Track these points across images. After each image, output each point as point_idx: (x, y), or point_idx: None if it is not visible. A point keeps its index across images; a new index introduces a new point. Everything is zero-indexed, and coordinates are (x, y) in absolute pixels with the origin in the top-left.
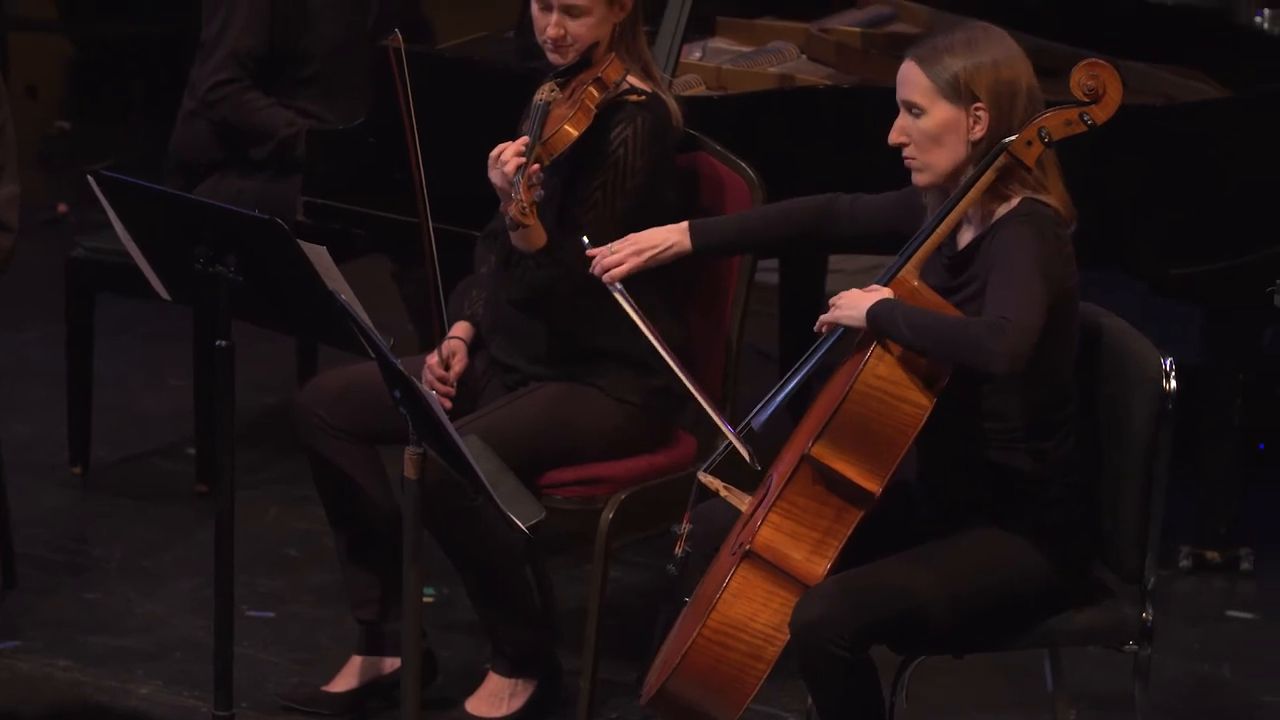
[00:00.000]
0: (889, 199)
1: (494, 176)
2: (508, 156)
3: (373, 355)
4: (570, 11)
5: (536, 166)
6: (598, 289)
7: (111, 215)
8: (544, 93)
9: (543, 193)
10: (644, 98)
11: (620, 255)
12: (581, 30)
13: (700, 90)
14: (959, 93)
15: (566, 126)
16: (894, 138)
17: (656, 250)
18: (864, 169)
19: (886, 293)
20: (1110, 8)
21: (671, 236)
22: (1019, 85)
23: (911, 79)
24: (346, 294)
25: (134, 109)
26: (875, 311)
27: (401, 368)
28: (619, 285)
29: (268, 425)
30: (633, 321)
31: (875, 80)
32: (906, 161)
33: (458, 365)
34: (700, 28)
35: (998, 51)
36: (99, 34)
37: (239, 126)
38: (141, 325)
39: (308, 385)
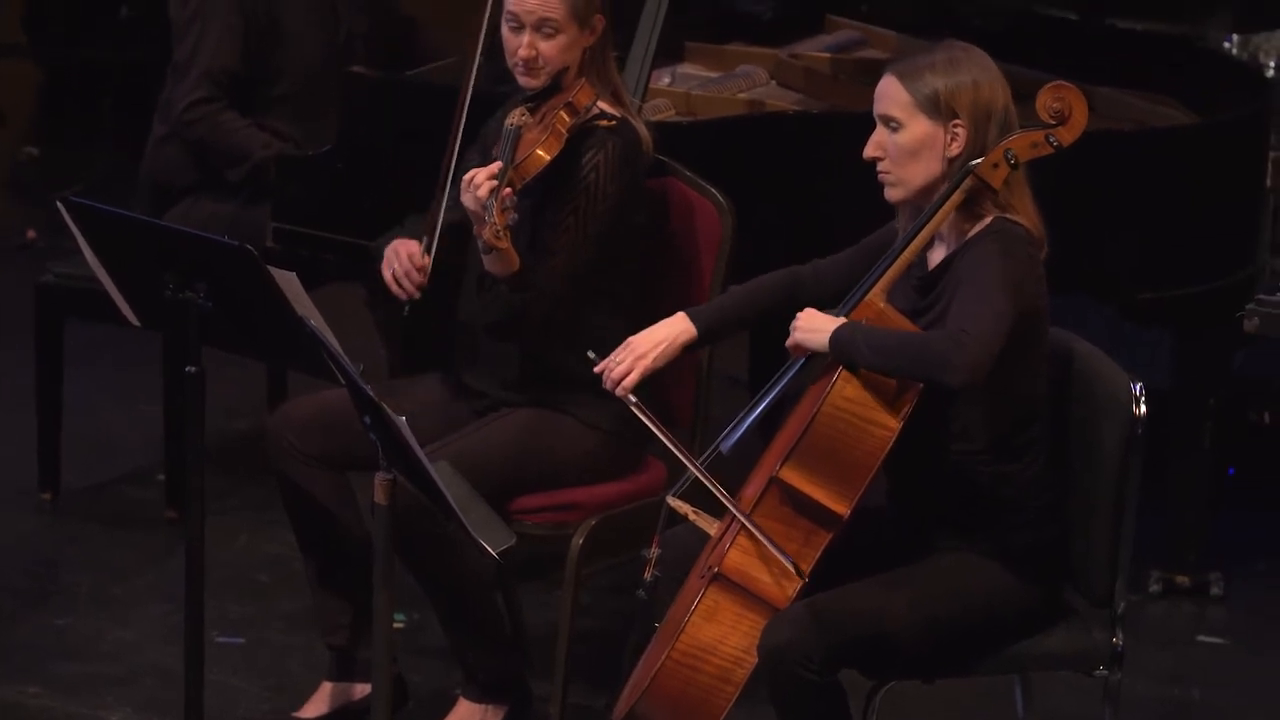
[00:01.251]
0: (849, 256)
1: (467, 200)
2: (480, 180)
3: (343, 381)
4: (543, 29)
5: (509, 190)
6: (570, 312)
7: (81, 241)
8: (515, 117)
9: (516, 216)
10: (614, 123)
11: (627, 364)
12: (553, 51)
13: (670, 115)
14: (939, 108)
15: (538, 151)
16: (869, 152)
17: (663, 346)
18: (834, 193)
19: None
20: (1080, 33)
21: (674, 328)
22: (997, 106)
23: (891, 93)
24: (316, 320)
25: (103, 134)
26: (837, 336)
27: (372, 394)
28: (632, 397)
29: (238, 451)
30: (645, 426)
31: (845, 105)
32: (880, 176)
33: (428, 260)
34: (670, 53)
35: (978, 71)
36: (68, 59)
37: (215, 147)
38: (111, 351)
39: (278, 411)
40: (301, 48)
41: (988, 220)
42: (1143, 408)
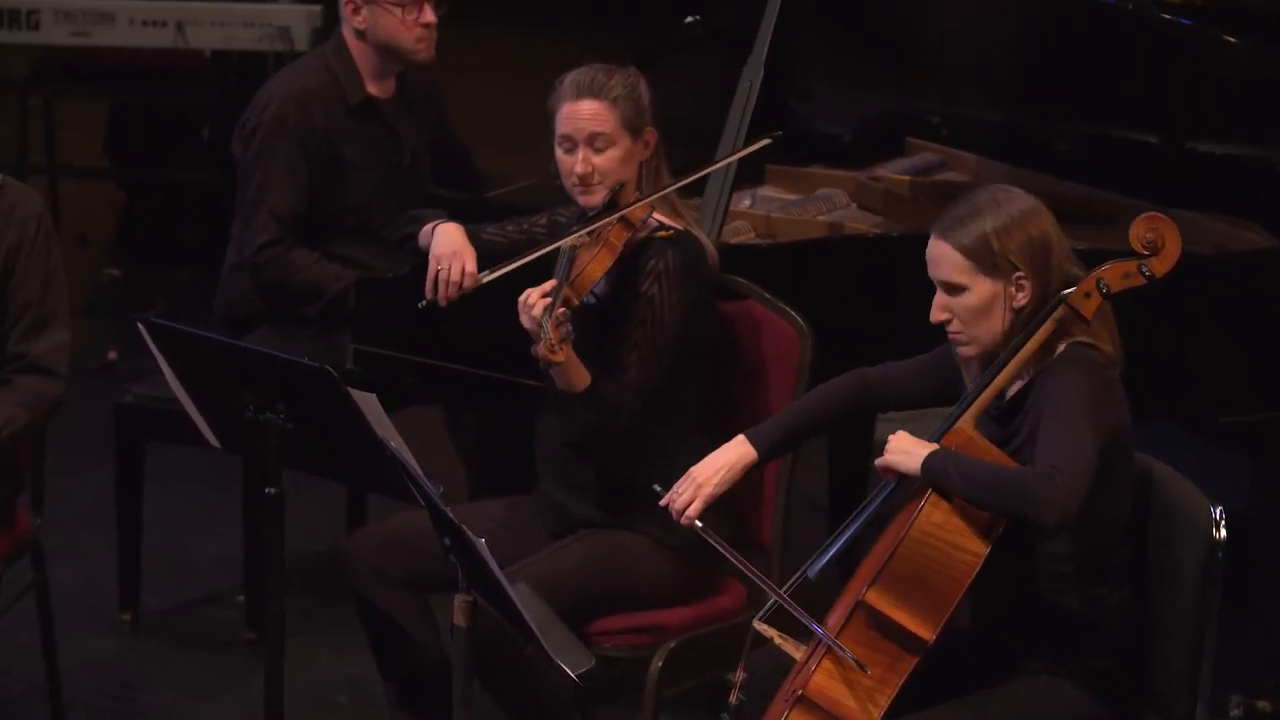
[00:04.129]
0: (921, 364)
1: (524, 320)
2: (534, 300)
3: (422, 503)
4: (595, 144)
5: (562, 310)
6: (645, 427)
7: (161, 363)
8: (571, 239)
9: (570, 329)
10: (672, 233)
11: (688, 494)
12: (609, 166)
13: (749, 238)
14: (997, 266)
15: (591, 265)
16: (936, 316)
17: (723, 472)
18: (913, 317)
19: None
20: (1160, 156)
21: (734, 453)
22: (1050, 239)
23: (944, 258)
24: (396, 442)
25: (184, 255)
26: (929, 463)
27: (452, 515)
28: (699, 522)
29: (317, 572)
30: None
31: (925, 228)
32: (952, 337)
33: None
34: (750, 175)
35: (1019, 207)
36: (149, 181)
37: (289, 286)
38: (191, 472)
39: (357, 533)
40: (364, 177)
41: (1062, 347)
42: (1223, 531)
